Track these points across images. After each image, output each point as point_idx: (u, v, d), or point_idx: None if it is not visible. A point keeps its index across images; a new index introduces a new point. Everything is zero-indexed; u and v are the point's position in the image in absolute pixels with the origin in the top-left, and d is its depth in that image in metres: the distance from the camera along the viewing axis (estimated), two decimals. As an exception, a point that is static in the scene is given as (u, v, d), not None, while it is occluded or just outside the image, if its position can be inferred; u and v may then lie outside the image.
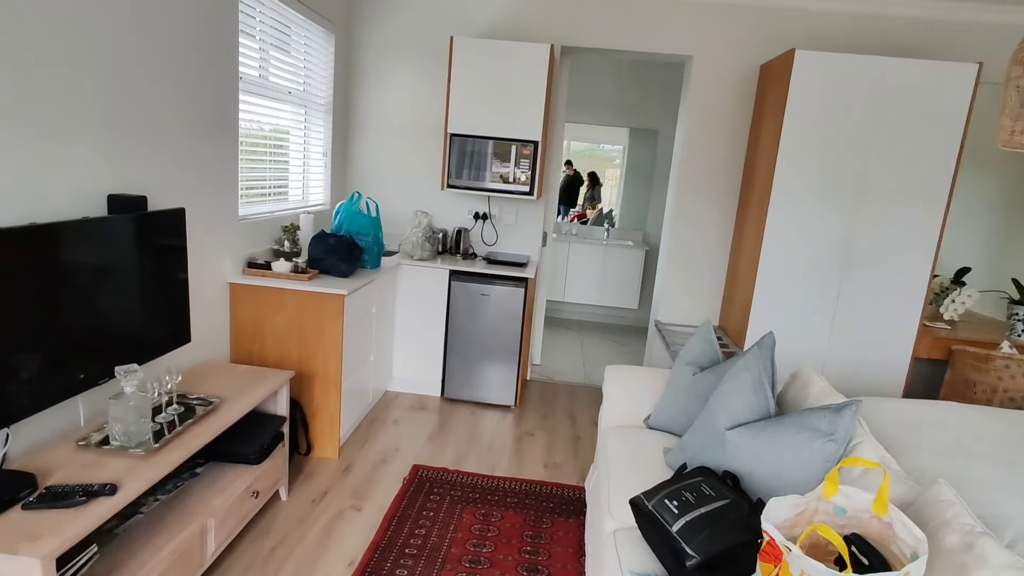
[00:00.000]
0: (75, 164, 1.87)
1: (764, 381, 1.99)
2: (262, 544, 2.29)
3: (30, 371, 1.63)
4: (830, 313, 3.47)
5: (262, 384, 2.37)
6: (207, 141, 2.53)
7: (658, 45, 3.77)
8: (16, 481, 1.51)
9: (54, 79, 1.76)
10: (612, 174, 6.43)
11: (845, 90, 3.23)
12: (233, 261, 2.81)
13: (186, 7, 2.31)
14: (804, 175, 3.33)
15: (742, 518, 1.55)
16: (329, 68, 3.74)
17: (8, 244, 1.54)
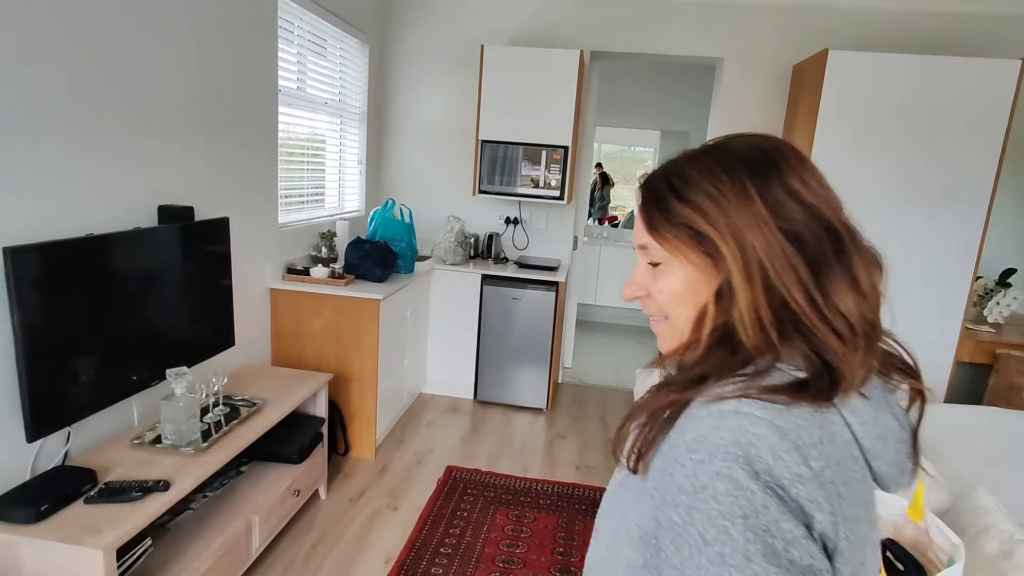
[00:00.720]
0: (128, 178, 1.97)
1: (797, 385, 1.98)
2: (303, 541, 2.36)
3: (89, 374, 1.73)
4: (867, 316, 3.41)
5: (302, 386, 2.45)
6: (248, 152, 2.63)
7: (688, 48, 3.77)
8: (78, 476, 1.61)
9: (109, 100, 1.87)
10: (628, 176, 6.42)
11: (880, 90, 3.18)
12: (273, 267, 2.91)
13: (229, 24, 2.41)
14: (838, 177, 3.26)
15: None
16: (363, 78, 3.84)
17: (68, 254, 1.64)
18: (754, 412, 0.53)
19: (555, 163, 3.65)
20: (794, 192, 0.61)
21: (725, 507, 0.50)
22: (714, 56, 3.78)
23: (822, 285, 0.59)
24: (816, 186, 0.63)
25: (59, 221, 1.72)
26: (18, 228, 1.60)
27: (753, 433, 0.52)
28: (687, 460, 0.53)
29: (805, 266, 0.59)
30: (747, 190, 0.60)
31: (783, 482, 0.50)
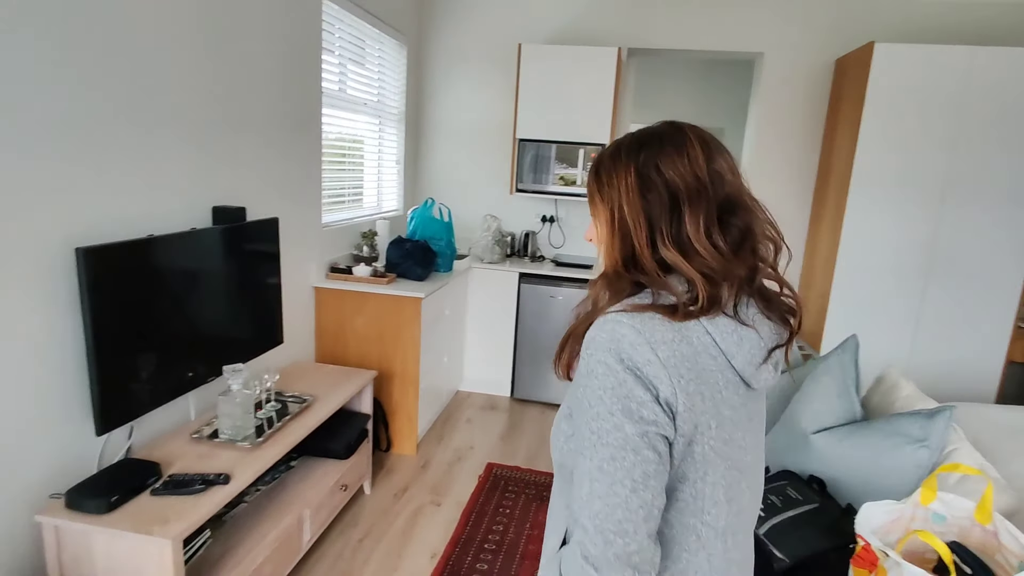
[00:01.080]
0: (184, 179, 2.03)
1: (849, 384, 1.95)
2: (350, 535, 2.41)
3: (151, 370, 1.79)
4: (913, 315, 3.34)
5: (348, 383, 2.49)
6: (294, 154, 2.68)
7: (728, 43, 3.72)
8: (144, 469, 1.67)
9: (167, 105, 1.92)
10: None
11: (929, 83, 3.10)
12: (317, 266, 2.96)
13: (275, 30, 2.46)
14: (884, 173, 3.22)
15: (831, 523, 1.53)
16: (401, 78, 3.88)
17: (132, 255, 1.70)
18: (622, 320, 0.77)
19: (592, 161, 3.63)
20: (660, 167, 0.81)
21: (601, 382, 0.75)
22: (754, 51, 3.73)
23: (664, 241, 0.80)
24: (687, 161, 0.81)
25: (120, 222, 1.78)
26: (83, 229, 1.66)
27: (620, 332, 0.76)
28: (584, 354, 0.78)
29: (653, 226, 0.80)
30: (628, 168, 0.82)
31: (637, 364, 0.74)
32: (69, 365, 1.65)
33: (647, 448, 0.73)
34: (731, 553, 0.82)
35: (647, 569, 0.72)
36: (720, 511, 0.79)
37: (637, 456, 0.72)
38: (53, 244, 1.57)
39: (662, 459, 0.74)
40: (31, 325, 1.54)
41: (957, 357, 3.34)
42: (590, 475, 0.74)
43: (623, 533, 0.71)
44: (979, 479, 1.48)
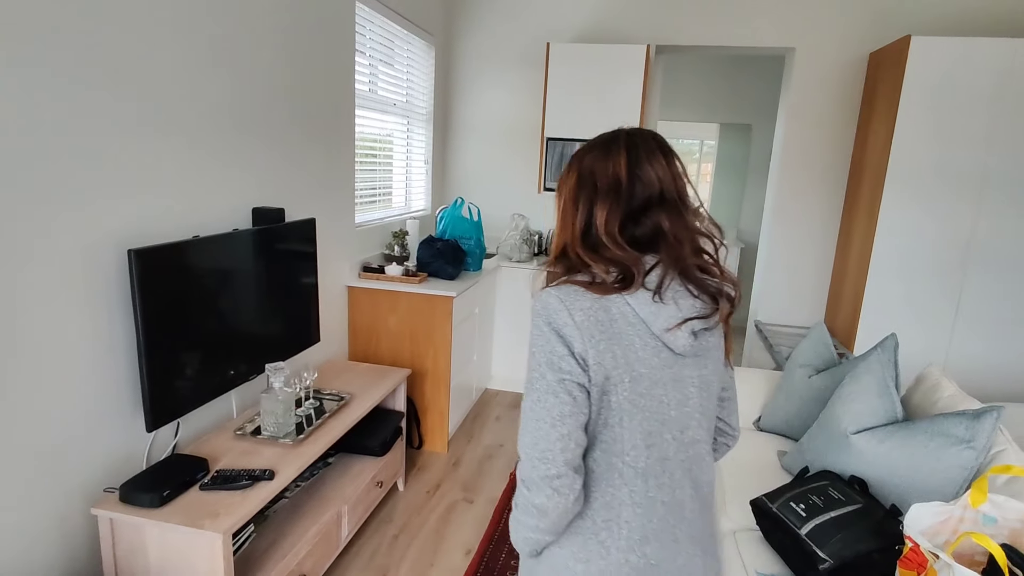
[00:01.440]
0: (226, 181, 2.08)
1: (889, 384, 1.93)
2: (385, 531, 2.44)
3: (198, 368, 1.83)
4: (950, 313, 3.28)
5: (383, 381, 2.53)
6: (329, 155, 2.72)
7: (759, 39, 3.68)
8: (192, 465, 1.71)
9: (210, 107, 1.97)
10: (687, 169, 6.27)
11: (968, 77, 3.04)
12: (350, 265, 3.00)
13: (311, 33, 2.50)
14: (921, 168, 3.16)
15: (876, 524, 1.52)
16: (429, 78, 3.91)
17: (179, 256, 1.75)
18: (551, 292, 0.95)
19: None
20: (591, 165, 0.98)
21: (536, 341, 0.94)
22: (785, 47, 3.69)
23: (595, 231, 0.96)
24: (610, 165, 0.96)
25: (164, 223, 1.82)
26: (131, 231, 1.71)
27: (548, 302, 0.94)
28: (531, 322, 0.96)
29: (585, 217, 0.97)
30: (573, 166, 1.01)
31: (559, 326, 0.92)
32: (120, 364, 1.70)
33: (564, 392, 0.90)
34: (653, 492, 0.95)
35: (566, 492, 0.89)
36: (639, 454, 0.94)
37: (556, 399, 0.90)
38: (104, 245, 1.62)
39: (577, 402, 0.91)
40: (84, 325, 1.59)
41: (997, 356, 3.27)
42: (524, 414, 0.94)
43: (545, 460, 0.89)
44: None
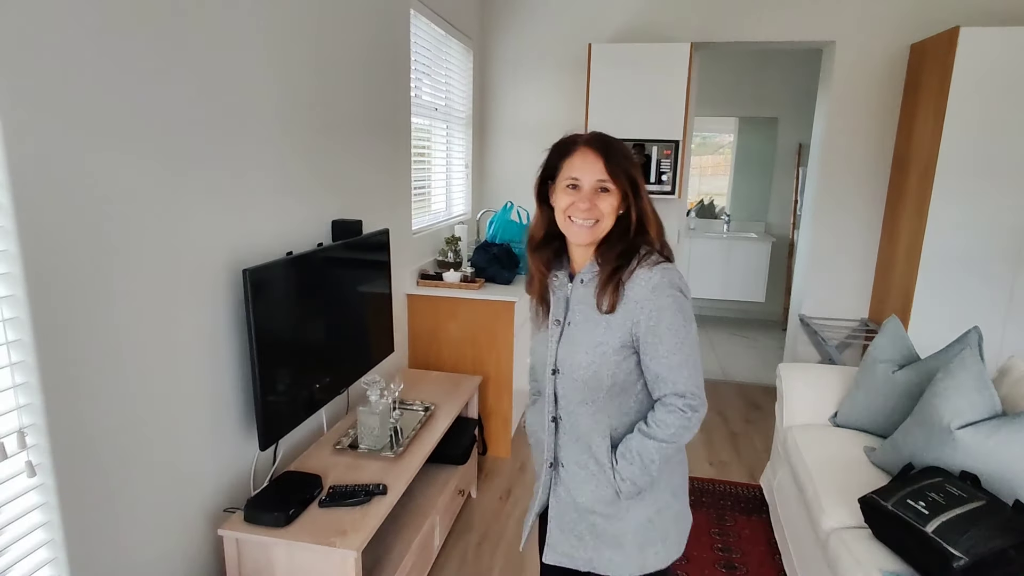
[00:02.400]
0: (309, 198, 2.07)
1: (985, 377, 1.94)
2: (468, 539, 2.44)
3: (299, 385, 1.83)
4: (1003, 304, 3.29)
5: (459, 389, 2.53)
6: (389, 163, 2.71)
7: (798, 33, 3.69)
8: (309, 482, 1.71)
9: (293, 120, 1.96)
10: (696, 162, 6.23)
11: (1017, 67, 3.05)
12: (409, 273, 3.00)
13: (375, 46, 2.49)
14: (971, 160, 3.17)
15: (1005, 520, 1.53)
16: (468, 82, 3.90)
17: (281, 273, 1.74)
18: (671, 267, 1.19)
19: (666, 158, 3.64)
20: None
21: (681, 303, 1.17)
22: (825, 40, 3.69)
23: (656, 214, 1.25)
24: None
25: (258, 242, 1.82)
26: (232, 249, 1.71)
27: (677, 274, 1.18)
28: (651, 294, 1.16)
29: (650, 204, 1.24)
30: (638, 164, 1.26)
31: (686, 292, 1.19)
32: (228, 383, 1.69)
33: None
34: None
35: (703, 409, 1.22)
36: None
37: (697, 345, 1.20)
38: (212, 267, 1.62)
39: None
40: (200, 347, 1.58)
41: (1049, 344, 3.29)
42: (686, 361, 1.17)
43: (702, 388, 1.21)
44: None
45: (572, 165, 1.22)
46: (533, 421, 1.38)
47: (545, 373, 1.27)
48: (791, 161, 5.67)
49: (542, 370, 1.29)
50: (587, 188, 1.20)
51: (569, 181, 1.21)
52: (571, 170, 1.21)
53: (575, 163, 1.21)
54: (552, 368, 1.25)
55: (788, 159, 5.69)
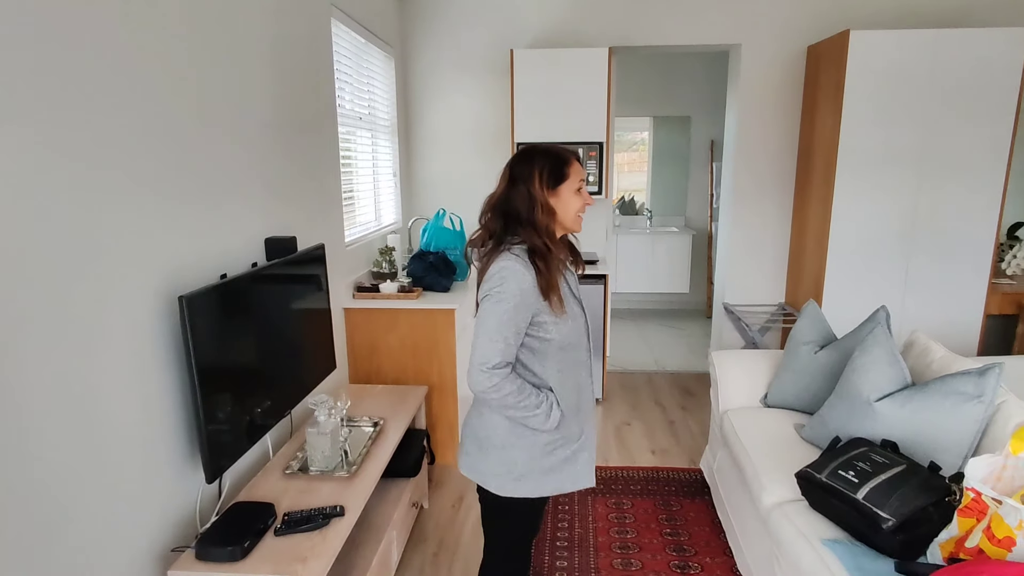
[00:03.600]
0: (239, 216, 2.00)
1: (895, 352, 2.12)
2: (424, 551, 2.43)
3: (243, 412, 1.76)
4: (901, 281, 3.60)
5: (406, 401, 2.50)
6: (318, 174, 2.64)
7: (708, 36, 3.88)
8: (260, 511, 1.65)
9: (222, 152, 1.89)
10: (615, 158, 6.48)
11: (901, 65, 3.34)
12: (345, 287, 2.94)
13: (297, 55, 2.43)
14: (867, 151, 3.45)
15: (924, 480, 1.68)
16: (391, 90, 3.86)
17: (217, 298, 1.67)
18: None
19: (591, 159, 3.74)
20: None
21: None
22: (731, 43, 3.91)
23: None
24: None
25: (190, 264, 1.74)
26: (164, 275, 1.62)
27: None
28: None
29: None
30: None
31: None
32: (167, 416, 1.61)
33: None
34: None
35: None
36: None
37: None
38: (141, 294, 1.53)
39: None
40: (131, 382, 1.49)
41: (942, 316, 3.62)
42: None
43: None
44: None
45: (577, 172, 1.51)
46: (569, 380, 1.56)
47: (581, 335, 1.57)
48: (705, 157, 5.96)
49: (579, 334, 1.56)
50: (586, 189, 1.55)
51: (579, 184, 1.51)
52: (579, 175, 1.51)
53: (578, 170, 1.51)
54: (587, 326, 1.61)
55: (702, 155, 5.98)
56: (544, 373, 1.52)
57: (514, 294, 1.41)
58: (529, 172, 1.48)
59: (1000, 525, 1.38)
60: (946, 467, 1.84)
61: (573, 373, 1.56)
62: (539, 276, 1.43)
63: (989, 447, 1.85)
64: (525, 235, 1.46)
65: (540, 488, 1.57)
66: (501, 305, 1.42)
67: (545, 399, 1.50)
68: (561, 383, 1.54)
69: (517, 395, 1.45)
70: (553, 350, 1.51)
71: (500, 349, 1.43)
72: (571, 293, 1.56)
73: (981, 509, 1.45)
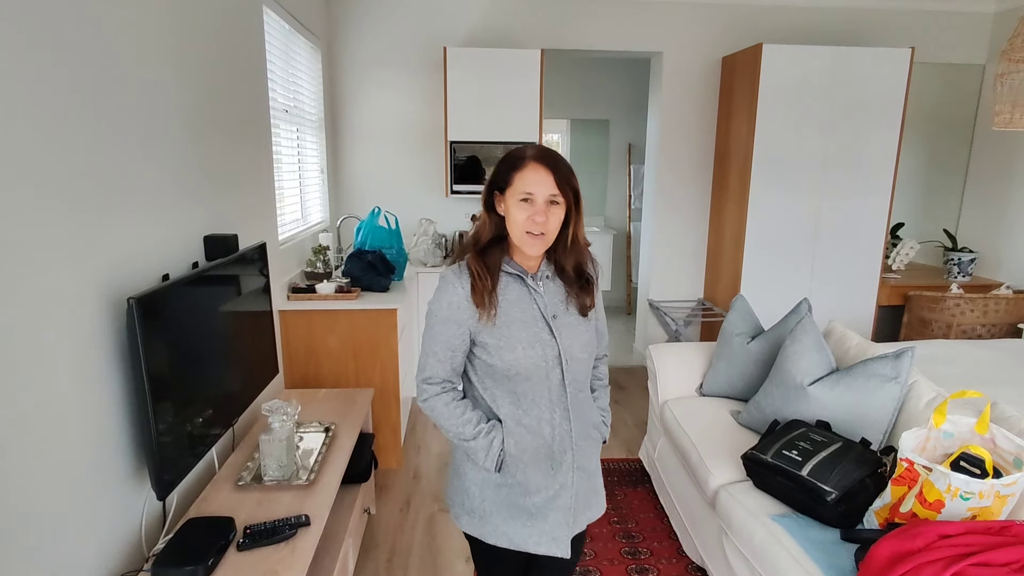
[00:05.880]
0: (173, 213, 1.86)
1: (821, 340, 2.31)
2: (377, 557, 2.36)
3: (190, 424, 1.64)
4: (807, 275, 3.92)
5: (354, 405, 2.43)
6: (251, 169, 2.51)
7: (632, 43, 4.04)
8: (219, 526, 1.54)
9: (158, 144, 1.75)
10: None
11: (807, 78, 3.64)
12: (280, 288, 2.80)
13: (225, 43, 2.29)
14: (778, 156, 3.73)
15: (859, 455, 1.85)
16: (317, 83, 3.72)
17: (165, 301, 1.56)
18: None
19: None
20: None
21: None
22: (654, 51, 4.09)
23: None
24: None
25: (128, 264, 1.60)
26: (104, 276, 1.49)
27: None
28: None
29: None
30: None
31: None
32: (104, 430, 1.47)
33: None
34: None
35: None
36: None
37: None
38: (82, 293, 1.39)
39: None
40: (71, 390, 1.35)
41: (841, 306, 3.97)
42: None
43: None
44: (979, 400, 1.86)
45: (525, 179, 1.26)
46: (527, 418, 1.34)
47: (545, 367, 1.32)
48: (623, 160, 6.18)
49: (535, 364, 1.31)
50: (540, 202, 1.25)
51: (524, 195, 1.26)
52: (524, 184, 1.26)
53: (527, 177, 1.26)
54: (561, 359, 1.32)
55: (620, 158, 6.19)
56: (494, 403, 1.35)
57: (441, 306, 1.32)
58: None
59: (931, 490, 1.55)
60: (872, 442, 2.03)
61: (532, 410, 1.33)
62: (472, 288, 1.30)
63: (905, 422, 2.05)
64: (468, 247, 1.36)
65: (494, 534, 1.36)
66: (430, 318, 1.35)
67: (483, 432, 1.32)
68: (515, 419, 1.33)
69: (449, 418, 1.33)
70: (499, 378, 1.33)
71: (430, 363, 1.34)
72: (540, 316, 1.32)
73: (913, 477, 1.61)
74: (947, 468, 1.52)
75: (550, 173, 1.26)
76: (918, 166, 4.61)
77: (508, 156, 1.32)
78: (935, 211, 4.65)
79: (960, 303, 3.68)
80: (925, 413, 2.00)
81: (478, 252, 1.33)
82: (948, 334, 3.73)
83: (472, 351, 1.35)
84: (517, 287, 1.34)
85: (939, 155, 4.58)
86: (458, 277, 1.32)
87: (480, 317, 1.30)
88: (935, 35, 4.16)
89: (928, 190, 4.77)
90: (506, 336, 1.30)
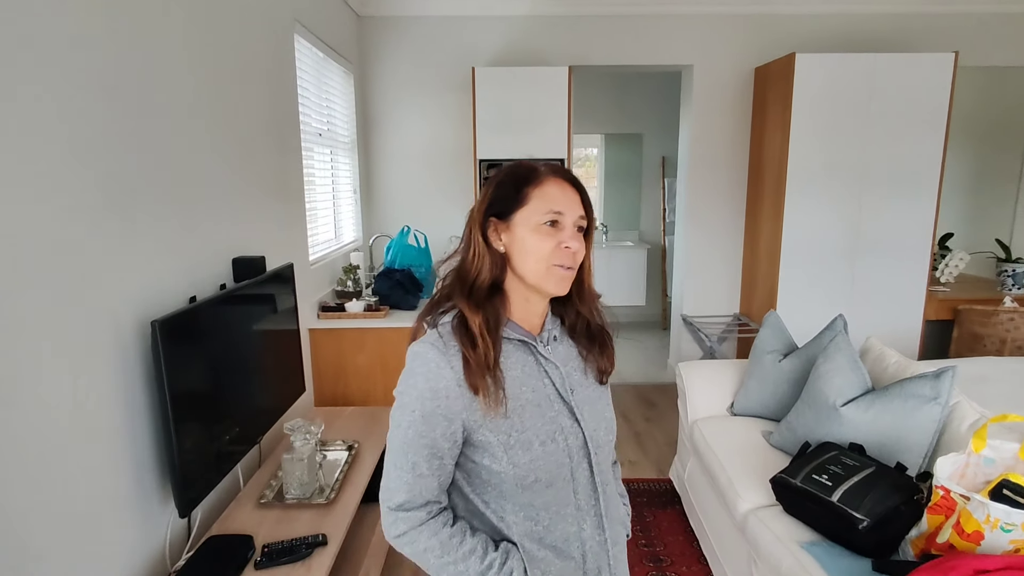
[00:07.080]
0: (205, 236, 1.93)
1: (856, 358, 2.23)
2: None
3: (215, 441, 1.69)
4: (847, 290, 3.78)
5: (379, 423, 2.45)
6: (283, 192, 2.58)
7: (662, 57, 4.01)
8: (238, 544, 1.58)
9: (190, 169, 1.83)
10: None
11: (843, 86, 3.54)
12: (309, 307, 2.87)
13: (266, 72, 2.38)
14: (814, 166, 3.63)
15: (893, 481, 1.76)
16: (350, 107, 3.82)
17: (187, 322, 1.61)
18: None
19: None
20: None
21: None
22: (684, 64, 4.05)
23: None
24: None
25: (156, 288, 1.66)
26: (131, 300, 1.55)
27: None
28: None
29: None
30: None
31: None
32: (130, 450, 1.52)
33: None
34: None
35: None
36: None
37: None
38: (110, 317, 1.45)
39: None
40: (98, 409, 1.41)
41: (884, 321, 3.81)
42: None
43: None
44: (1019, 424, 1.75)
45: (547, 196, 0.94)
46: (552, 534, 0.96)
47: (570, 464, 0.97)
48: (657, 173, 6.13)
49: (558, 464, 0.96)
50: (570, 225, 0.95)
51: (549, 217, 0.94)
52: (547, 201, 0.94)
53: (551, 193, 0.95)
54: (588, 448, 0.98)
55: (654, 171, 6.14)
56: (501, 521, 0.96)
57: (422, 397, 0.91)
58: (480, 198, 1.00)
59: (969, 520, 1.46)
60: (909, 467, 1.93)
61: (557, 525, 0.97)
62: (464, 364, 0.92)
63: (946, 446, 1.95)
64: (456, 296, 0.96)
65: None
66: (404, 415, 0.93)
67: (495, 565, 0.93)
68: (535, 539, 0.96)
69: (443, 554, 0.92)
70: (509, 488, 0.95)
71: (407, 482, 0.92)
72: (556, 395, 0.99)
73: (950, 506, 1.53)
74: (986, 497, 1.43)
75: (576, 192, 0.97)
76: (965, 174, 4.42)
77: (511, 171, 0.98)
78: (986, 220, 4.44)
79: (1014, 317, 3.49)
80: (968, 437, 1.89)
81: (475, 304, 0.94)
82: (1002, 350, 3.54)
83: (464, 453, 0.96)
84: (521, 356, 0.98)
85: (989, 161, 4.39)
86: (442, 352, 0.92)
87: (481, 407, 0.92)
88: (979, 38, 3.99)
89: (978, 198, 4.57)
90: (517, 429, 0.93)
